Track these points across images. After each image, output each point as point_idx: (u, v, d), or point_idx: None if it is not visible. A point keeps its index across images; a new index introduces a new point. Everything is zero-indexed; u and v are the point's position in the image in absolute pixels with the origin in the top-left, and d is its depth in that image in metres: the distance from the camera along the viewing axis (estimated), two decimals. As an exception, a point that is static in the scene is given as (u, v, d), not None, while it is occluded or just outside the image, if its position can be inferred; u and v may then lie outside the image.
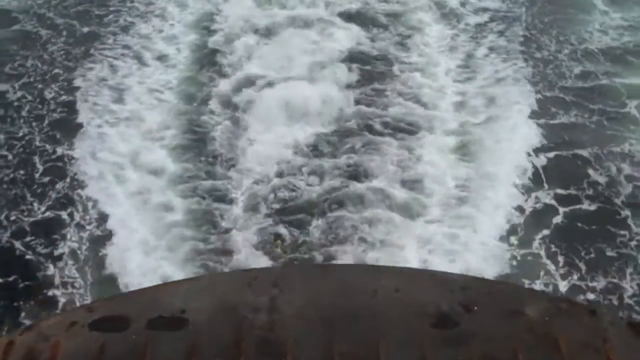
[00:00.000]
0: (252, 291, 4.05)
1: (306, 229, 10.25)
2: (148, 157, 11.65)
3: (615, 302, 9.31)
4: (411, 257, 9.68)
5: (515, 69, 13.74)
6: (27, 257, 9.92)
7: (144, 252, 9.95)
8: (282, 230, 10.23)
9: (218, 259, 9.79)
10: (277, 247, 9.91)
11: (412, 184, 10.97)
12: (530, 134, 12.05)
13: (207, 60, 14.17)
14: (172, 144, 11.94)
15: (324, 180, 11.13)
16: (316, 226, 10.31)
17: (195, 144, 11.98)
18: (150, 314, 3.89)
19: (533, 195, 10.86)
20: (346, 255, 9.77)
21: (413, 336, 3.81)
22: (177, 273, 9.53)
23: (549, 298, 4.31)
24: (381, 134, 12.01)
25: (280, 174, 11.24)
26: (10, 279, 9.56)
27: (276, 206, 10.66)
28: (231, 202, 10.75)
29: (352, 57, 13.97)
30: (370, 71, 13.65)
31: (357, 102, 12.74)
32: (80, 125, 12.34)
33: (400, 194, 10.78)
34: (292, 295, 4.02)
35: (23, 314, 9.08)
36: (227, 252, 9.88)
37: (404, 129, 12.11)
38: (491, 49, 14.43)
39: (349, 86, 13.15)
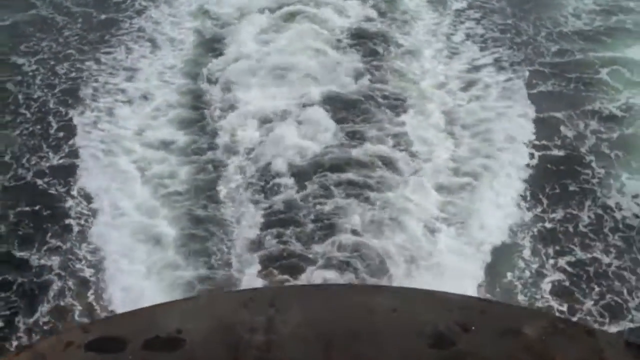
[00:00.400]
0: (249, 311, 4.05)
1: (306, 189, 10.81)
2: (154, 131, 12.31)
3: (571, 230, 10.22)
4: (415, 223, 10.25)
5: (497, 51, 14.70)
6: (49, 192, 10.94)
7: (141, 212, 10.55)
8: (280, 195, 10.72)
9: (214, 227, 10.27)
10: None
11: (412, 153, 11.63)
12: (514, 108, 12.87)
13: (210, 43, 15.07)
14: (176, 119, 12.64)
15: (324, 147, 11.73)
16: (315, 189, 10.80)
17: (197, 118, 12.67)
18: (146, 334, 3.88)
19: (517, 155, 11.76)
20: (350, 208, 10.39)
21: (410, 356, 3.83)
22: (170, 231, 10.13)
23: (546, 317, 4.31)
24: (379, 106, 12.76)
25: (280, 142, 11.81)
26: (37, 207, 10.61)
27: (276, 172, 11.18)
28: (229, 172, 11.31)
29: (351, 35, 14.99)
30: (368, 49, 14.59)
31: (356, 76, 13.63)
32: (88, 99, 13.16)
33: (401, 161, 11.40)
34: (289, 315, 4.02)
35: (49, 234, 10.14)
36: (222, 221, 10.39)
37: (399, 104, 12.90)
38: (474, 34, 15.39)
39: (347, 60, 14.08)
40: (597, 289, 9.34)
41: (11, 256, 9.77)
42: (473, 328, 3.92)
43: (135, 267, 9.63)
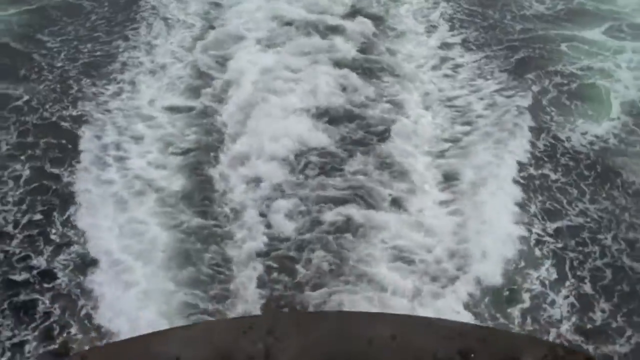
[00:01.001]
0: (247, 339, 4.04)
1: (306, 143, 11.96)
2: (165, 100, 13.56)
3: (528, 155, 11.96)
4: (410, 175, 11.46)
5: (467, 32, 16.30)
6: (72, 131, 12.56)
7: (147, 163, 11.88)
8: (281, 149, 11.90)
9: (216, 180, 11.33)
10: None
11: (407, 115, 12.97)
12: (489, 81, 14.33)
13: (214, 24, 16.47)
14: (186, 89, 13.93)
15: (324, 103, 12.92)
16: (315, 142, 11.97)
17: (204, 89, 13.85)
18: None
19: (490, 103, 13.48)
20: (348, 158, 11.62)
21: None
22: (173, 182, 11.31)
23: (546, 345, 4.27)
24: (380, 78, 14.14)
25: (280, 99, 13.03)
26: (62, 141, 12.28)
27: (276, 127, 12.26)
28: (231, 131, 12.43)
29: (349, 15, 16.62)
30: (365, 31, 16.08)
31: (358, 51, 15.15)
32: (111, 72, 14.48)
33: (396, 120, 12.67)
34: (287, 343, 4.02)
35: (74, 160, 11.83)
36: (225, 175, 11.43)
37: (390, 76, 14.27)
38: (448, 17, 16.97)
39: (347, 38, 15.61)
40: (540, 197, 10.98)
41: (44, 171, 11.57)
42: (472, 355, 3.94)
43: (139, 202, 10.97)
